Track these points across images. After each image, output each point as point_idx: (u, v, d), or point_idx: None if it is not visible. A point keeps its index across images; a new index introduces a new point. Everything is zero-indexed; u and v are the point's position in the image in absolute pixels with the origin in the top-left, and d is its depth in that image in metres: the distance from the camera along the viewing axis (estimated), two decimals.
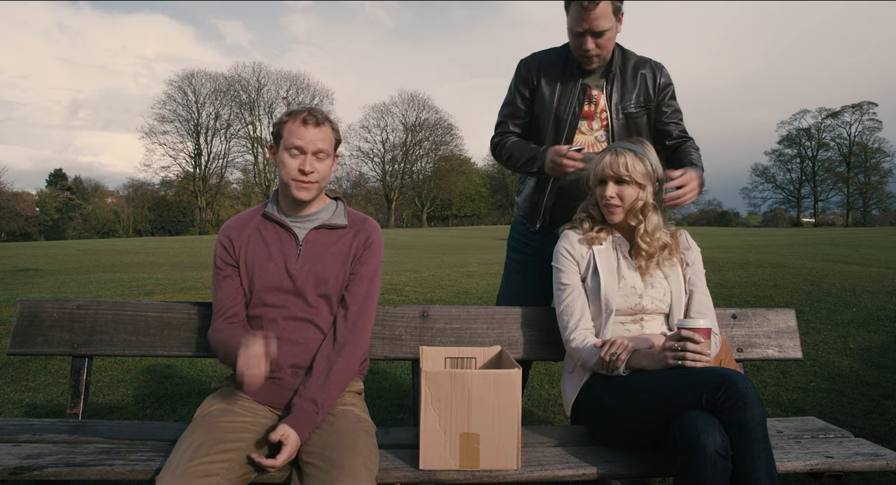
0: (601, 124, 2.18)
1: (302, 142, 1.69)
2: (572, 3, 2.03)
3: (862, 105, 53.52)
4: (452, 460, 1.62)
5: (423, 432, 1.62)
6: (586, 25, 2.01)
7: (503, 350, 2.00)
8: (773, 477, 1.47)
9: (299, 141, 1.70)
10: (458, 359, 1.99)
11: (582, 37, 2.04)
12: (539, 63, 2.21)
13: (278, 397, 1.69)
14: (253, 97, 50.77)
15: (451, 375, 1.61)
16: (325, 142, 1.73)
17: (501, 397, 1.61)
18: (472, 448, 1.61)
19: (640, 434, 1.70)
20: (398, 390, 3.75)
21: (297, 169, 1.70)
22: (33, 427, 1.87)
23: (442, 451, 1.62)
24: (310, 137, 1.70)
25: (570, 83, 2.16)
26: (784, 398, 3.49)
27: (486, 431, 1.62)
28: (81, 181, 54.78)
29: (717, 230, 33.41)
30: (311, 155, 1.71)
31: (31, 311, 2.09)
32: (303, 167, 1.70)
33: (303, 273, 1.74)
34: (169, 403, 3.45)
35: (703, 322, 1.66)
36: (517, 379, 1.62)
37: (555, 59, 2.20)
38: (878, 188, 54.20)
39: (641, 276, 1.92)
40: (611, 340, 1.78)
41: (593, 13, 1.98)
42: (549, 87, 2.18)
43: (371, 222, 1.87)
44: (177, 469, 1.39)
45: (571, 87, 2.16)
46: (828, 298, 6.27)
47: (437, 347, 2.02)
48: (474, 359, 2.00)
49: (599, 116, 2.17)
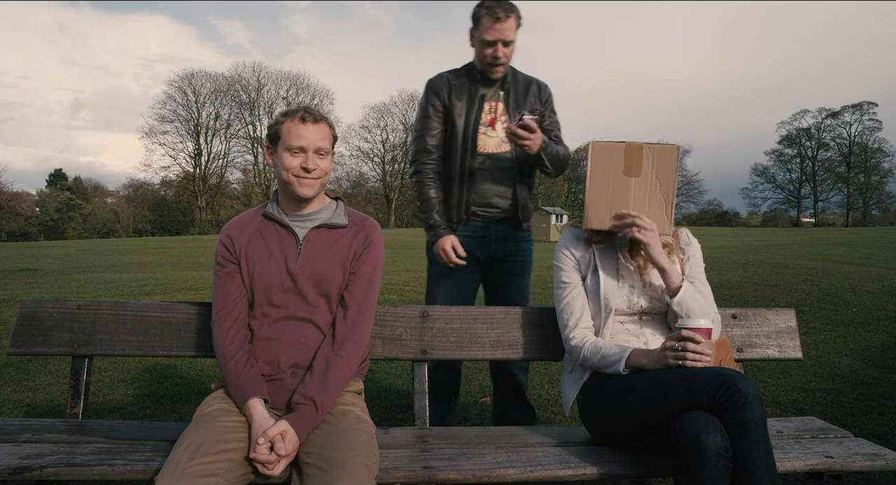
0: (503, 127, 2.48)
1: (303, 141, 1.70)
2: (485, 17, 2.33)
3: (862, 105, 53.53)
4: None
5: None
6: (498, 35, 2.32)
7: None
8: (774, 477, 1.47)
9: (300, 140, 1.70)
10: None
11: (493, 45, 2.34)
12: (446, 79, 2.52)
13: (278, 397, 1.69)
14: (253, 97, 50.82)
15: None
16: (325, 139, 1.75)
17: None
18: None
19: (641, 434, 1.70)
20: (398, 390, 3.75)
21: (300, 167, 1.71)
22: (33, 427, 1.87)
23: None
24: (310, 136, 1.71)
25: (471, 95, 2.49)
26: (784, 398, 3.49)
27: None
28: (81, 181, 54.79)
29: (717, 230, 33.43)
30: (313, 153, 1.72)
31: (31, 311, 2.09)
32: (305, 165, 1.71)
33: (303, 272, 1.74)
34: (169, 403, 3.45)
35: (703, 322, 1.66)
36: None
37: (460, 76, 2.52)
38: (878, 188, 54.20)
39: (640, 275, 1.92)
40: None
41: (505, 24, 2.30)
42: (457, 100, 2.49)
43: (371, 222, 1.88)
44: (176, 469, 1.39)
45: (472, 98, 2.48)
46: (828, 298, 6.28)
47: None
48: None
49: (501, 120, 2.49)
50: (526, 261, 2.62)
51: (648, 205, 1.85)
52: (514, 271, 2.59)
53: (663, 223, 1.86)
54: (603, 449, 1.79)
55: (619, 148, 1.86)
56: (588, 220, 1.89)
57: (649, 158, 1.85)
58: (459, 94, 2.48)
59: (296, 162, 1.71)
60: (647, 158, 1.85)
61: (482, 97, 2.47)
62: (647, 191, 1.85)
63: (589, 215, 1.88)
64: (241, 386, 1.64)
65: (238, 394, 1.64)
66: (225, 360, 1.69)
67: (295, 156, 1.72)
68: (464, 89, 2.49)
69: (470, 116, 2.46)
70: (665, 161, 1.85)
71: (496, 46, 2.33)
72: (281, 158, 1.73)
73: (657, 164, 1.85)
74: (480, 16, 2.34)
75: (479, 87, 2.47)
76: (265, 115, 50.80)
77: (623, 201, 1.86)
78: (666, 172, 1.85)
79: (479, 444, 1.85)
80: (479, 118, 2.46)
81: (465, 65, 2.55)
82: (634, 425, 1.69)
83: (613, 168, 1.86)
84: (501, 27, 2.29)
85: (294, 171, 1.71)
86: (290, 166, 1.71)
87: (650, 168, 1.85)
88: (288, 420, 1.54)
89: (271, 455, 1.49)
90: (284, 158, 1.72)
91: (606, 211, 1.87)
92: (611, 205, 1.86)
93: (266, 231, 1.80)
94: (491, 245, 2.55)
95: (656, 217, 1.85)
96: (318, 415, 1.59)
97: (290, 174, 1.72)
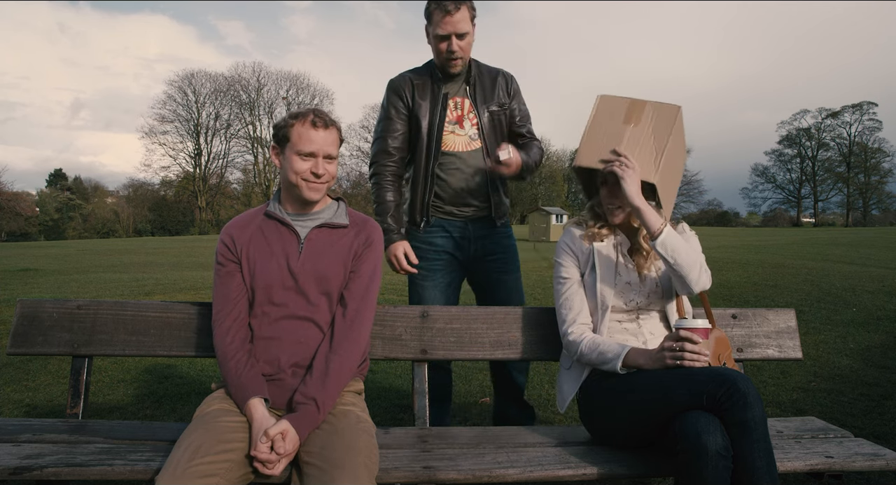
0: (472, 123, 2.45)
1: (314, 147, 1.72)
2: (435, 11, 2.31)
3: (862, 105, 53.54)
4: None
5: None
6: (450, 28, 2.29)
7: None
8: (774, 477, 1.47)
9: (311, 146, 1.72)
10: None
11: (447, 39, 2.32)
12: (408, 79, 2.48)
13: (279, 396, 1.69)
14: (253, 97, 50.81)
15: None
16: (334, 145, 1.77)
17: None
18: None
19: (641, 434, 1.70)
20: (398, 390, 3.75)
21: (310, 171, 1.73)
22: (33, 427, 1.87)
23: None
24: (321, 141, 1.73)
25: (435, 93, 2.44)
26: (784, 398, 3.49)
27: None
28: (81, 181, 54.81)
29: (717, 230, 33.42)
30: (323, 158, 1.74)
31: (31, 311, 2.09)
32: (315, 170, 1.73)
33: (304, 271, 1.75)
34: (169, 403, 3.45)
35: (700, 322, 1.66)
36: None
37: (422, 74, 2.48)
38: (878, 188, 54.19)
39: (639, 274, 1.92)
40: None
41: (455, 16, 2.28)
42: (419, 99, 2.44)
43: (372, 223, 1.89)
44: (177, 469, 1.39)
45: (436, 96, 2.44)
46: (828, 298, 6.28)
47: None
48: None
49: (468, 117, 2.45)
50: (508, 257, 2.57)
51: (639, 151, 1.88)
52: (497, 269, 2.55)
53: (649, 169, 1.87)
54: (603, 449, 1.79)
55: (624, 101, 1.93)
56: (579, 157, 1.93)
57: (651, 112, 1.90)
58: (423, 93, 2.44)
59: (305, 166, 1.73)
60: (649, 112, 1.90)
61: (446, 95, 2.43)
62: (640, 139, 1.89)
63: (581, 153, 1.93)
64: (242, 386, 1.64)
65: (238, 394, 1.64)
66: (225, 359, 1.69)
67: (305, 160, 1.73)
68: (427, 88, 2.45)
69: (434, 116, 2.42)
70: (665, 117, 1.89)
71: (450, 40, 2.31)
72: (290, 161, 1.73)
73: (656, 118, 1.89)
74: (431, 10, 2.33)
75: (441, 86, 2.44)
76: (265, 115, 50.81)
77: (616, 145, 1.89)
78: (663, 127, 1.89)
79: (479, 444, 1.85)
80: (444, 117, 2.42)
81: (426, 63, 2.52)
82: (635, 425, 1.69)
83: (615, 117, 1.92)
84: (452, 20, 2.28)
85: (303, 175, 1.73)
86: (299, 170, 1.73)
87: (649, 120, 1.90)
88: (289, 420, 1.54)
89: (272, 455, 1.49)
90: (294, 161, 1.73)
91: (597, 151, 1.90)
92: (603, 146, 1.90)
93: (268, 230, 1.80)
94: (470, 245, 2.52)
95: (643, 162, 1.87)
96: (319, 415, 1.59)
97: (300, 178, 1.73)
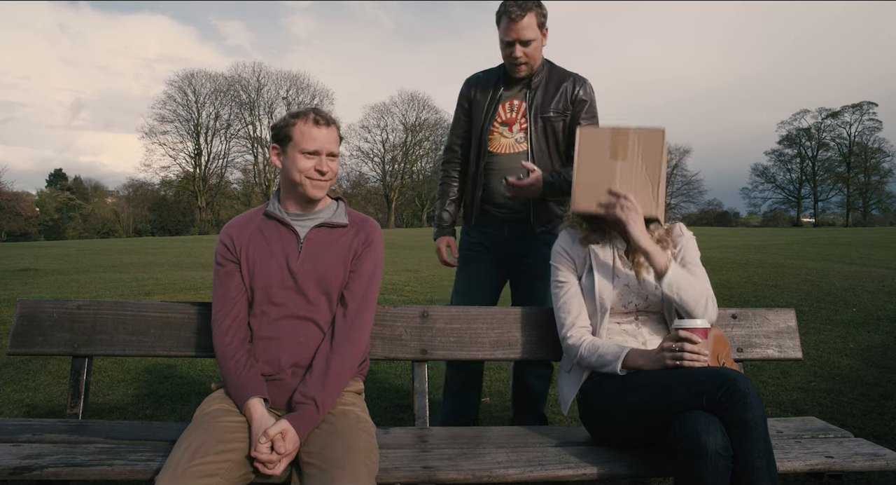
0: (521, 128, 2.47)
1: (317, 145, 1.74)
2: (501, 17, 2.35)
3: (862, 105, 53.49)
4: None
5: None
6: (514, 35, 2.32)
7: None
8: (774, 477, 1.47)
9: (314, 144, 1.73)
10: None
11: (512, 46, 2.35)
12: (477, 79, 2.58)
13: (279, 396, 1.69)
14: (253, 97, 50.73)
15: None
16: (335, 143, 1.79)
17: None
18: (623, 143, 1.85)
19: (641, 434, 1.70)
20: (398, 390, 3.75)
21: (315, 169, 1.74)
22: (33, 427, 1.87)
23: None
24: (323, 139, 1.74)
25: (492, 95, 2.50)
26: (784, 398, 3.49)
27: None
28: (81, 181, 54.75)
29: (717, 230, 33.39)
30: (326, 156, 1.75)
31: (31, 311, 2.09)
32: (319, 167, 1.74)
33: (304, 270, 1.75)
34: (169, 403, 3.45)
35: (699, 322, 1.66)
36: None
37: (490, 76, 2.55)
38: (878, 188, 54.14)
39: (637, 274, 1.92)
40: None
41: (520, 24, 2.30)
42: (479, 99, 2.53)
43: (372, 222, 1.89)
44: (177, 469, 1.39)
45: (492, 98, 2.50)
46: (828, 298, 6.27)
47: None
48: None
49: (520, 122, 2.47)
50: (538, 263, 2.51)
51: (635, 187, 1.86)
52: (527, 272, 2.55)
53: (649, 204, 1.86)
54: (603, 449, 1.79)
55: (605, 132, 1.88)
56: (575, 202, 1.91)
57: (636, 141, 1.86)
58: (483, 93, 2.51)
59: (310, 164, 1.74)
60: (634, 142, 1.86)
61: (500, 97, 2.48)
62: (633, 173, 1.86)
63: (576, 198, 1.90)
64: (241, 386, 1.64)
65: (238, 394, 1.64)
66: (225, 359, 1.69)
67: (309, 158, 1.74)
68: (487, 88, 2.51)
69: (485, 116, 2.48)
70: (651, 143, 1.86)
71: (514, 47, 2.34)
72: (293, 160, 1.74)
73: (643, 146, 1.86)
74: (499, 16, 2.37)
75: (500, 87, 2.48)
76: (265, 115, 50.72)
77: (609, 184, 1.87)
78: (652, 155, 1.86)
79: (479, 444, 1.85)
80: (493, 118, 2.47)
81: (500, 64, 2.55)
82: (635, 426, 1.69)
83: (601, 152, 1.88)
84: (517, 27, 2.31)
85: (307, 172, 1.74)
86: (304, 168, 1.73)
87: (636, 150, 1.86)
88: (288, 420, 1.54)
89: (272, 454, 1.49)
90: (298, 159, 1.73)
91: (593, 194, 1.88)
92: (597, 188, 1.88)
93: (267, 229, 1.80)
94: (504, 245, 2.55)
95: (642, 198, 1.85)
96: (319, 415, 1.59)
97: (304, 176, 1.74)
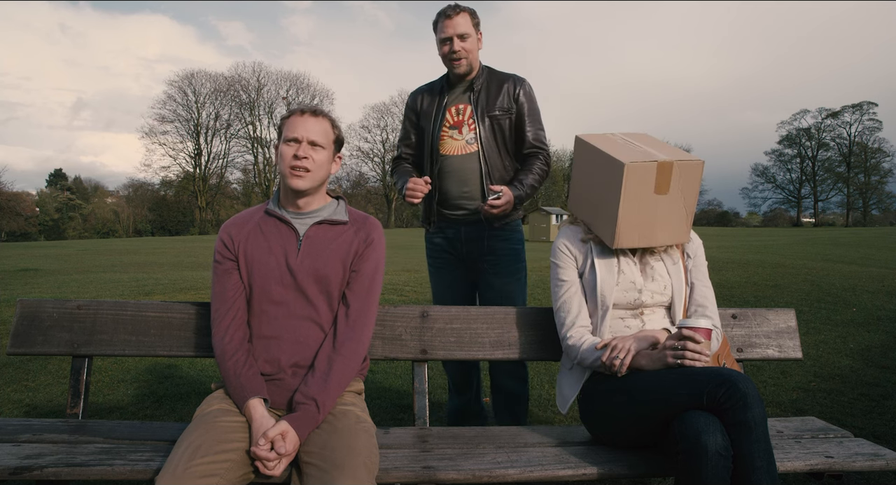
0: (470, 129, 2.56)
1: (297, 132, 1.74)
2: (438, 19, 2.51)
3: (862, 105, 53.54)
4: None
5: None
6: (451, 30, 2.47)
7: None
8: (774, 477, 1.47)
9: (295, 131, 1.74)
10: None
11: (449, 42, 2.48)
12: (422, 90, 2.72)
13: (279, 397, 1.69)
14: (253, 97, 50.80)
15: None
16: (321, 135, 1.77)
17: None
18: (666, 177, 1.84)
19: (641, 434, 1.70)
20: (398, 390, 3.75)
21: (292, 155, 1.73)
22: (33, 427, 1.87)
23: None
24: (306, 126, 1.74)
25: (438, 102, 2.62)
26: (784, 398, 3.49)
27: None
28: (81, 181, 54.80)
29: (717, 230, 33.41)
30: (307, 144, 1.75)
31: (31, 311, 2.09)
32: (296, 153, 1.73)
33: (303, 268, 1.74)
34: (169, 403, 3.45)
35: (703, 322, 1.66)
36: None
37: (434, 86, 2.68)
38: (878, 188, 54.19)
39: (641, 270, 1.92)
40: (612, 343, 1.77)
41: (455, 20, 2.47)
42: (426, 108, 2.65)
43: (372, 221, 1.88)
44: (177, 469, 1.39)
45: (438, 104, 2.62)
46: (828, 298, 6.27)
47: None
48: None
49: (467, 123, 2.57)
50: (500, 260, 2.59)
51: (673, 218, 1.88)
52: (488, 271, 2.59)
53: (683, 233, 1.92)
54: (603, 449, 1.79)
55: (651, 168, 1.84)
56: (619, 240, 1.87)
57: (678, 174, 1.85)
58: (429, 101, 2.64)
59: (289, 151, 1.74)
60: (677, 175, 1.85)
61: (446, 104, 2.60)
62: (673, 206, 1.87)
63: (620, 236, 1.87)
64: (241, 386, 1.64)
65: (237, 394, 1.64)
66: (224, 359, 1.69)
67: (290, 146, 1.75)
68: (433, 97, 2.64)
69: (434, 122, 2.59)
70: (691, 176, 1.86)
71: (452, 41, 2.48)
72: (281, 152, 1.76)
73: (683, 179, 1.86)
74: (436, 21, 2.54)
75: (445, 94, 2.61)
76: (265, 115, 50.79)
77: (652, 219, 1.87)
78: (691, 187, 1.87)
79: (479, 444, 1.85)
80: (442, 123, 2.58)
81: (441, 76, 2.69)
82: (635, 426, 1.69)
83: (646, 187, 1.85)
84: (452, 23, 2.46)
85: (287, 160, 1.74)
86: (285, 157, 1.74)
87: (677, 183, 1.86)
88: (288, 420, 1.54)
89: (272, 453, 1.49)
90: (282, 149, 1.76)
91: (636, 229, 1.88)
92: (640, 223, 1.87)
93: (266, 227, 1.80)
94: (464, 246, 2.61)
95: (677, 228, 1.90)
96: (319, 415, 1.59)
97: (286, 165, 1.74)
